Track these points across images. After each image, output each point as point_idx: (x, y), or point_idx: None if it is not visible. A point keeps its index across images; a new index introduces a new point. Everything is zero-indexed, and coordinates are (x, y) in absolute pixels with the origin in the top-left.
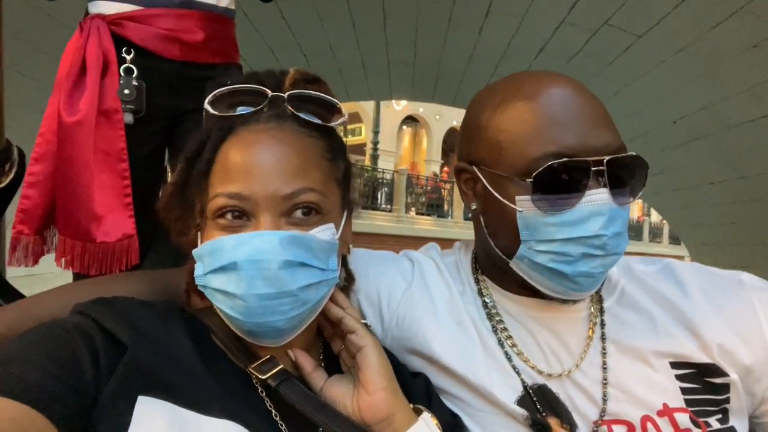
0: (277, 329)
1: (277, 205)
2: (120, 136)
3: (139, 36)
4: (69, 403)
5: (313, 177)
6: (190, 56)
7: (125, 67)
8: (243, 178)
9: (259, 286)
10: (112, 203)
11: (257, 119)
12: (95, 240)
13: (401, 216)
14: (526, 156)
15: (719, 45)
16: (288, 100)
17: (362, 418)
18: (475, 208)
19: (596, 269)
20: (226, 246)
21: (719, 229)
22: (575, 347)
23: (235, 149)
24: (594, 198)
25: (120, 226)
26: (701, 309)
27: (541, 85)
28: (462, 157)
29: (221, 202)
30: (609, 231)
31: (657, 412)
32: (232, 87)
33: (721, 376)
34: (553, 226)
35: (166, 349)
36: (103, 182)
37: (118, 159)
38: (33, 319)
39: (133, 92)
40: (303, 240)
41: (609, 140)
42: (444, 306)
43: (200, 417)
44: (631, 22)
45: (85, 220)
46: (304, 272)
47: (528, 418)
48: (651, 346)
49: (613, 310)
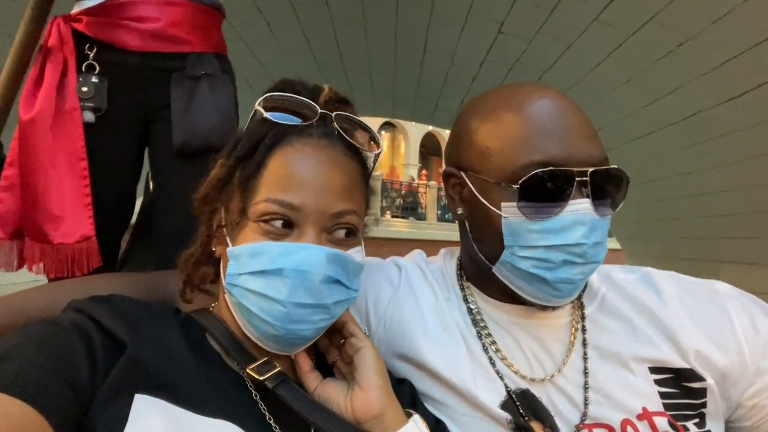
0: (302, 337)
1: (323, 220)
2: (79, 135)
3: (98, 29)
4: (64, 399)
5: (356, 200)
6: (152, 46)
7: (87, 64)
8: (296, 188)
9: (301, 296)
10: (71, 204)
11: (310, 133)
12: (52, 241)
13: (377, 219)
14: (513, 163)
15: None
16: (336, 120)
17: (354, 416)
18: (461, 213)
19: (576, 276)
20: (273, 251)
21: (641, 225)
22: (557, 352)
23: (289, 158)
24: (577, 207)
25: (78, 227)
26: (678, 316)
27: (531, 97)
28: (450, 163)
29: (270, 208)
30: (590, 240)
31: (637, 416)
32: (285, 95)
33: (698, 380)
34: (537, 233)
35: (162, 348)
36: (62, 182)
37: (77, 158)
38: (19, 315)
39: (92, 90)
40: (343, 259)
41: (593, 152)
42: (430, 312)
43: (196, 416)
44: (562, 32)
45: (42, 220)
46: (338, 289)
47: (511, 422)
48: (631, 352)
49: (594, 316)
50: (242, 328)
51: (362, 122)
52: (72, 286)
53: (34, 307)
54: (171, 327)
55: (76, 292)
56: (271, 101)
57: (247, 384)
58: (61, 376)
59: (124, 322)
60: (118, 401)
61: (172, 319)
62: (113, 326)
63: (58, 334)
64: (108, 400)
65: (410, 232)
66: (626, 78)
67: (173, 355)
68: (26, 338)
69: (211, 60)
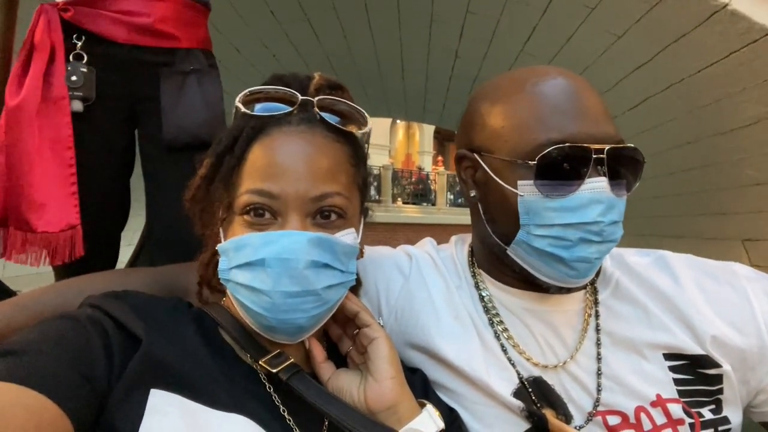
0: (297, 326)
1: (305, 206)
2: (66, 123)
3: (88, 20)
4: (81, 393)
5: (340, 181)
6: (142, 40)
7: (75, 54)
8: (275, 177)
9: (286, 284)
10: (55, 192)
11: (289, 121)
12: (36, 230)
13: (389, 206)
14: (529, 142)
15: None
16: (318, 105)
17: (368, 407)
18: (474, 195)
19: (593, 255)
20: (254, 243)
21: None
22: (570, 339)
23: (267, 148)
24: (594, 186)
25: (63, 215)
26: (694, 300)
27: (546, 77)
28: (462, 146)
29: (251, 199)
30: (607, 218)
31: (650, 403)
32: (264, 88)
33: (714, 367)
34: (554, 210)
35: (177, 343)
36: (47, 170)
37: (63, 147)
38: (32, 315)
39: (81, 79)
40: (329, 242)
41: (609, 131)
42: (441, 300)
43: (211, 411)
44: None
45: (26, 209)
46: (328, 273)
47: (524, 410)
48: (644, 338)
49: (608, 302)
50: (245, 320)
51: (348, 104)
52: (82, 283)
53: (45, 308)
54: (185, 322)
55: (86, 290)
56: (250, 95)
57: (261, 377)
58: (79, 370)
59: (139, 317)
60: (134, 396)
61: (186, 313)
62: (128, 321)
63: (74, 329)
64: (124, 395)
65: (422, 217)
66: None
67: (188, 349)
68: (43, 333)
69: (199, 56)
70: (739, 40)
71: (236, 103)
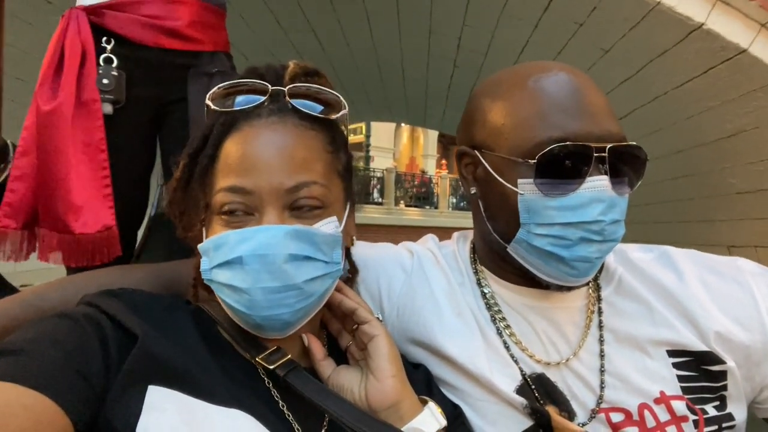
0: (282, 322)
1: (280, 198)
2: (98, 126)
3: (118, 24)
4: (79, 391)
5: (315, 170)
6: (171, 44)
7: (105, 57)
8: (246, 172)
9: (265, 280)
10: (91, 194)
11: (259, 114)
12: (74, 232)
13: (391, 208)
14: (530, 140)
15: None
16: (289, 94)
17: (369, 405)
18: (474, 192)
19: (593, 254)
20: (230, 241)
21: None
22: (573, 336)
23: (237, 144)
24: (595, 184)
25: (99, 217)
26: (698, 296)
27: (547, 73)
28: (463, 142)
29: (225, 198)
30: (608, 217)
31: (654, 400)
32: (233, 82)
33: (718, 363)
34: (554, 209)
35: (174, 339)
36: (82, 173)
37: (97, 149)
38: (35, 311)
39: (112, 82)
40: (307, 234)
41: (612, 130)
42: (443, 296)
43: (210, 406)
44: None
45: (62, 211)
46: (309, 265)
47: (527, 407)
48: (648, 335)
49: (611, 299)
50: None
51: (321, 89)
52: (84, 280)
53: (47, 304)
54: (183, 318)
55: (88, 287)
56: (218, 92)
57: (260, 372)
58: (76, 368)
59: (136, 314)
60: (132, 393)
61: (184, 310)
62: (125, 319)
63: (71, 327)
64: (122, 392)
65: (423, 219)
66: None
67: (186, 345)
68: (40, 331)
69: (222, 57)
70: (716, 57)
71: (206, 101)
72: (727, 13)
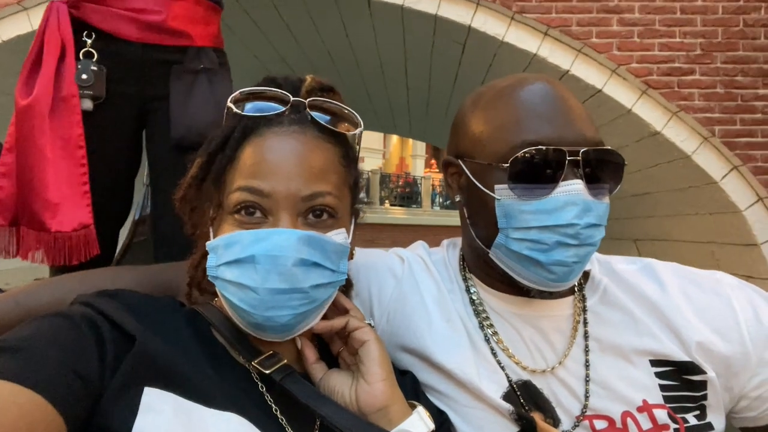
0: (283, 323)
1: (296, 205)
2: (77, 122)
3: (99, 17)
4: (74, 391)
5: (331, 181)
6: (152, 38)
7: (84, 52)
8: (265, 176)
9: (274, 281)
10: (68, 191)
11: (280, 122)
12: (50, 229)
13: (375, 207)
14: (505, 145)
15: None
16: (309, 106)
17: (359, 408)
18: (459, 200)
19: (570, 258)
20: (244, 240)
21: None
22: (559, 344)
23: (259, 148)
24: (569, 188)
25: (76, 215)
26: (680, 307)
27: (524, 83)
28: (449, 152)
29: (241, 197)
30: (582, 221)
31: (637, 408)
32: (256, 89)
33: (699, 373)
34: (529, 213)
35: (170, 342)
36: (59, 170)
37: (75, 146)
38: (24, 310)
39: (91, 77)
40: (319, 241)
41: (587, 134)
42: (433, 303)
43: (205, 409)
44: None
45: (39, 208)
46: (317, 272)
47: (513, 413)
48: (632, 345)
49: (596, 308)
50: (233, 319)
51: (340, 105)
52: (76, 280)
53: (38, 303)
54: (178, 321)
55: (80, 287)
56: (241, 96)
57: (253, 376)
58: (71, 368)
59: (133, 316)
60: (127, 394)
61: (178, 313)
62: (122, 320)
63: (68, 327)
64: (118, 393)
65: (407, 218)
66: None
67: (181, 348)
68: (37, 330)
69: (210, 54)
70: (583, 94)
71: (228, 103)
72: (586, 62)
